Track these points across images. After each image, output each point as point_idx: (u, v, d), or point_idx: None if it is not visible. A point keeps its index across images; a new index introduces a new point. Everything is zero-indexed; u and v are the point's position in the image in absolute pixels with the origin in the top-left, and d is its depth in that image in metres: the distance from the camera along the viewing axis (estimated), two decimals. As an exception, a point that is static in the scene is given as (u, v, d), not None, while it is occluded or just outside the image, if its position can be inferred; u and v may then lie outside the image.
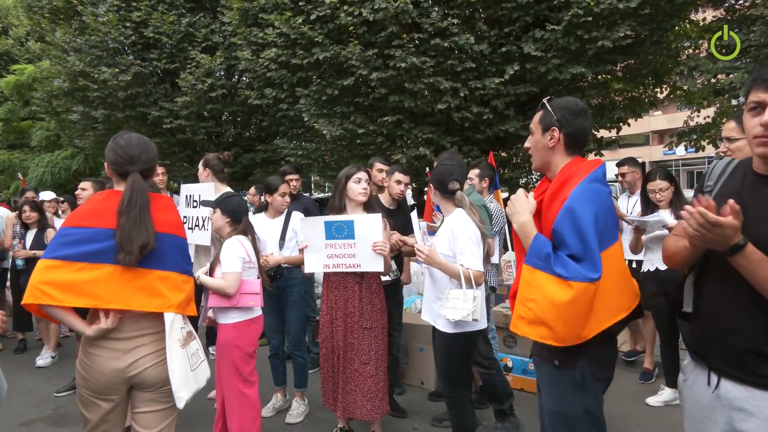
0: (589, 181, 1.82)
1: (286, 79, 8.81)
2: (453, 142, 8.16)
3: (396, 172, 3.99)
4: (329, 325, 3.32)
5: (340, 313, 3.28)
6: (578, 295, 1.70)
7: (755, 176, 1.53)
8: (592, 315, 1.75)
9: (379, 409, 3.28)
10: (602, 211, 1.78)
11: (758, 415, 1.44)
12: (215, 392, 3.42)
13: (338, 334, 3.27)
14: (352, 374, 3.26)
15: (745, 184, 1.55)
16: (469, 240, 2.76)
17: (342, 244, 3.22)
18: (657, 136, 33.68)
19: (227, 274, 3.01)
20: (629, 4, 6.73)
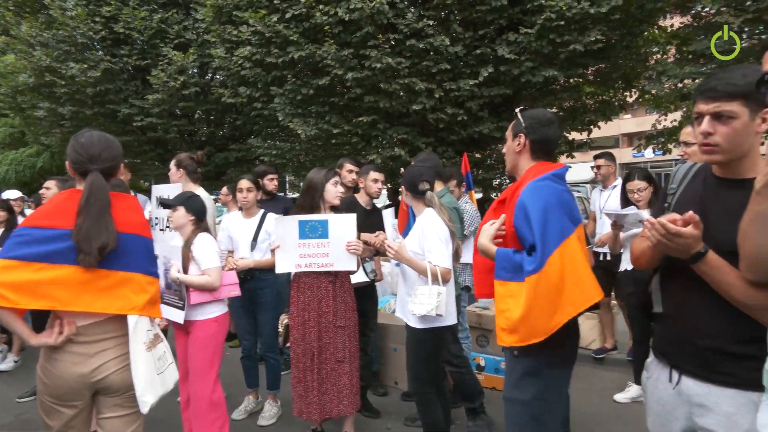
0: (540, 179, 1.97)
1: (261, 77, 8.73)
2: (428, 143, 8.20)
3: (371, 171, 4.00)
4: (301, 327, 3.29)
5: (313, 314, 3.26)
6: (529, 291, 1.83)
7: (715, 179, 1.59)
8: (557, 307, 1.85)
9: (353, 404, 3.32)
10: (553, 204, 1.91)
11: (716, 411, 1.49)
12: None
13: (312, 335, 3.25)
14: (327, 374, 3.26)
15: (706, 187, 1.61)
16: (437, 238, 2.87)
17: (315, 243, 3.24)
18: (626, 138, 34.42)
19: (210, 269, 3.11)
20: (600, 9, 6.87)
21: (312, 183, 3.35)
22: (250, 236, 3.95)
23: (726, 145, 1.48)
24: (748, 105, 1.44)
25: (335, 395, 3.27)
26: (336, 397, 3.27)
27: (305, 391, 3.26)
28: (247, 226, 3.99)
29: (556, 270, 1.83)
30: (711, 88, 1.49)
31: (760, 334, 1.36)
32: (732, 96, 1.45)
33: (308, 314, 3.27)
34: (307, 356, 3.26)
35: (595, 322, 5.32)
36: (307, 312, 3.28)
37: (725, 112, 1.46)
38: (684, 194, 1.67)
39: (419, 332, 2.95)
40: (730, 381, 1.47)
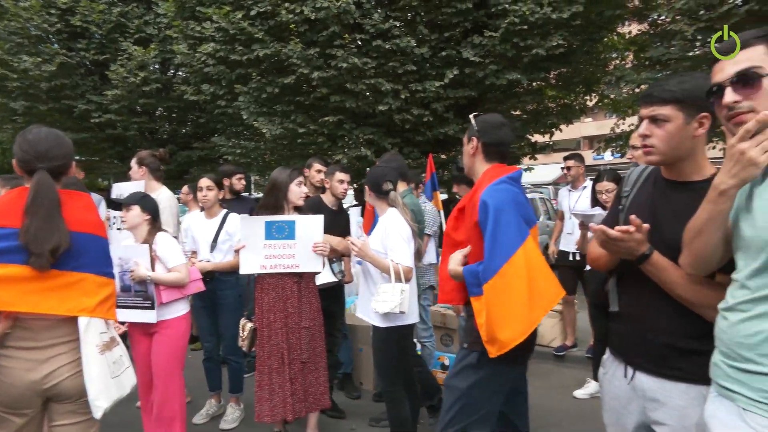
0: (497, 183, 2.09)
1: (225, 75, 8.58)
2: (394, 144, 8.22)
3: (337, 171, 3.99)
4: (267, 328, 3.25)
5: (279, 315, 3.23)
6: (491, 297, 1.98)
7: (663, 182, 1.67)
8: (527, 308, 1.98)
9: (319, 402, 3.33)
10: (509, 207, 2.02)
11: (668, 404, 1.56)
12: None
13: (279, 337, 3.22)
14: (295, 374, 3.24)
15: (656, 189, 1.69)
16: (400, 237, 2.95)
17: (281, 244, 3.22)
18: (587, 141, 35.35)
19: (180, 266, 3.16)
20: (562, 15, 7.04)
21: (276, 183, 3.32)
22: (211, 236, 3.88)
23: (661, 147, 1.57)
24: (682, 109, 1.53)
25: (302, 396, 3.26)
26: (302, 397, 3.26)
27: (270, 394, 3.21)
28: (208, 226, 3.91)
29: (519, 271, 1.93)
30: (649, 94, 1.59)
31: (708, 330, 1.42)
32: (666, 101, 1.54)
33: (274, 315, 3.24)
34: (274, 358, 3.22)
35: (557, 321, 5.45)
36: (273, 313, 3.24)
37: (660, 116, 1.55)
38: (636, 197, 1.75)
39: (383, 331, 3.00)
40: (681, 376, 1.54)
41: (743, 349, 1.27)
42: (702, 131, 1.54)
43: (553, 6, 7.03)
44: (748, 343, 1.26)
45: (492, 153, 2.24)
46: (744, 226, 1.31)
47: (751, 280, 1.27)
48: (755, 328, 1.25)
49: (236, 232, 3.79)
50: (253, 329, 3.33)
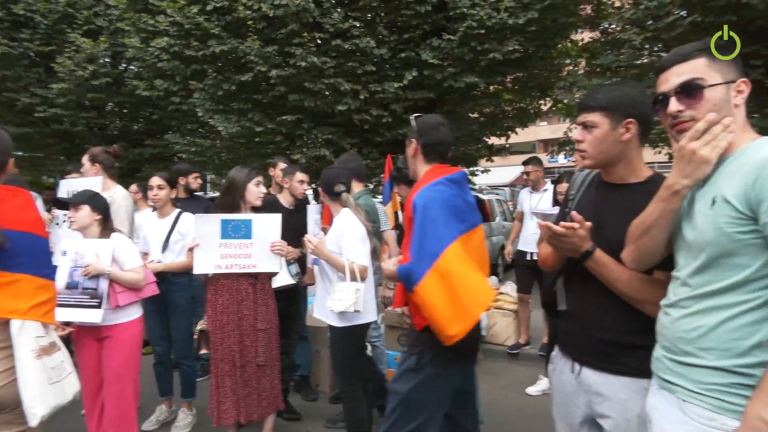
0: (433, 184, 2.12)
1: (179, 70, 8.36)
2: (353, 144, 8.21)
3: (297, 171, 3.95)
4: (219, 330, 3.17)
5: (233, 317, 3.16)
6: (424, 297, 2.01)
7: (604, 185, 1.77)
8: (455, 314, 2.00)
9: (273, 405, 3.29)
10: (437, 208, 2.05)
11: (612, 398, 1.63)
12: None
13: (232, 339, 3.15)
14: (249, 377, 3.18)
15: (598, 192, 1.78)
16: (354, 237, 2.97)
17: (238, 243, 3.14)
18: (542, 144, 36.31)
19: (138, 268, 3.06)
20: (518, 20, 7.20)
21: (233, 182, 3.24)
22: (163, 237, 3.77)
23: (591, 151, 1.68)
24: (608, 116, 1.64)
25: (255, 399, 3.20)
26: (257, 400, 3.21)
27: (224, 398, 3.15)
28: (160, 226, 3.79)
29: (444, 273, 1.98)
30: (581, 103, 1.72)
31: (649, 326, 1.49)
32: (594, 108, 1.66)
33: (227, 317, 3.16)
34: (227, 361, 3.15)
35: (511, 320, 5.56)
36: (226, 315, 3.17)
37: (589, 122, 1.67)
38: (582, 199, 1.83)
39: (340, 331, 3.00)
40: (624, 370, 1.61)
41: (683, 344, 1.34)
42: (628, 136, 1.64)
43: (510, 12, 7.19)
44: (688, 337, 1.33)
45: (431, 153, 2.27)
46: (686, 227, 1.39)
47: (692, 278, 1.35)
48: (695, 323, 1.32)
49: (189, 232, 3.68)
50: (201, 330, 3.26)
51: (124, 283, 2.97)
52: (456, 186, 2.18)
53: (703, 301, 1.31)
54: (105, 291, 2.91)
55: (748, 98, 1.38)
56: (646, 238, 1.47)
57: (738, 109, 1.35)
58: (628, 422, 1.58)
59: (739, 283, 1.26)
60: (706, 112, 1.32)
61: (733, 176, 1.27)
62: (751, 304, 1.24)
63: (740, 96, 1.35)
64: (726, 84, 1.33)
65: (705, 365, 1.29)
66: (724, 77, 1.33)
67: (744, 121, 1.36)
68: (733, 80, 1.34)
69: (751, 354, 1.23)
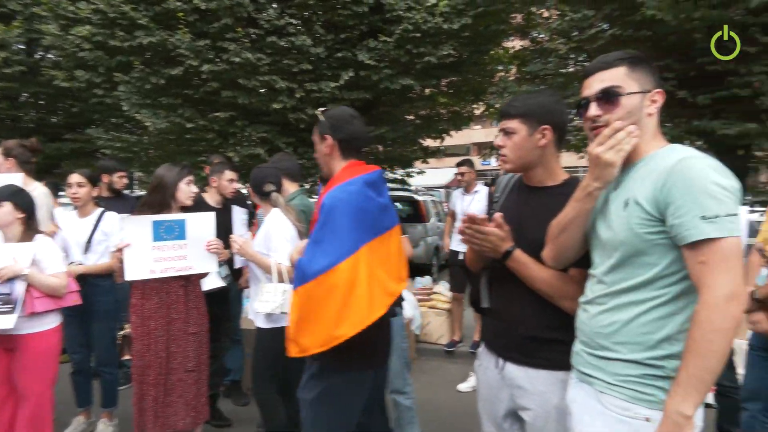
0: (347, 183, 1.96)
1: (103, 61, 7.90)
2: (288, 143, 8.09)
3: (226, 170, 3.85)
4: (145, 337, 3.02)
5: (161, 322, 3.02)
6: (301, 299, 1.89)
7: (525, 188, 1.86)
8: (337, 319, 1.82)
9: (201, 415, 3.17)
10: (346, 212, 1.88)
11: (531, 391, 1.71)
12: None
13: (159, 345, 3.01)
14: (174, 384, 3.04)
15: (520, 195, 1.87)
16: (282, 237, 2.91)
17: (171, 245, 3.01)
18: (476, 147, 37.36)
19: (60, 273, 2.90)
20: (452, 26, 7.39)
21: (163, 180, 3.09)
22: (84, 237, 3.55)
23: (510, 156, 1.77)
24: (526, 122, 1.74)
25: (181, 407, 3.06)
26: (183, 408, 3.07)
27: (147, 407, 3.00)
28: (81, 226, 3.57)
29: (342, 279, 1.82)
30: (502, 110, 1.81)
31: (568, 321, 1.58)
32: (512, 115, 1.76)
33: (155, 323, 3.02)
34: (153, 368, 3.00)
35: (444, 318, 5.68)
36: (154, 320, 3.02)
37: (508, 128, 1.77)
38: (505, 202, 1.91)
39: (266, 332, 2.95)
40: (544, 364, 1.69)
41: (600, 338, 1.43)
42: (544, 141, 1.74)
43: (445, 17, 7.35)
44: (605, 332, 1.42)
45: (348, 149, 2.08)
46: (601, 227, 1.48)
47: (607, 276, 1.44)
48: (611, 319, 1.41)
49: (114, 232, 3.52)
50: (124, 336, 3.08)
51: (42, 289, 2.77)
52: (371, 188, 1.99)
53: (617, 298, 1.40)
54: (21, 296, 2.71)
55: (661, 108, 1.48)
56: (564, 237, 1.56)
57: (651, 118, 1.45)
58: (546, 413, 1.66)
59: (648, 280, 1.36)
60: (619, 118, 1.41)
61: (644, 180, 1.37)
62: (659, 300, 1.35)
63: (654, 105, 1.45)
64: (642, 93, 1.43)
65: (620, 358, 1.38)
66: (641, 86, 1.43)
67: (656, 129, 1.47)
68: (649, 90, 1.43)
69: (660, 347, 1.34)
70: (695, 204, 1.26)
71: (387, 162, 9.88)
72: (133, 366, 3.04)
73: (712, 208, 1.26)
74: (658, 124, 1.48)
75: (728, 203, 1.26)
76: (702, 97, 6.39)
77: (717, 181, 1.27)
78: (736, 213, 1.28)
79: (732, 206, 1.27)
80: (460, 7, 7.52)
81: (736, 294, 1.24)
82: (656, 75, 1.47)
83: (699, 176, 1.28)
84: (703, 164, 1.30)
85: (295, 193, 3.57)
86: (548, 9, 8.87)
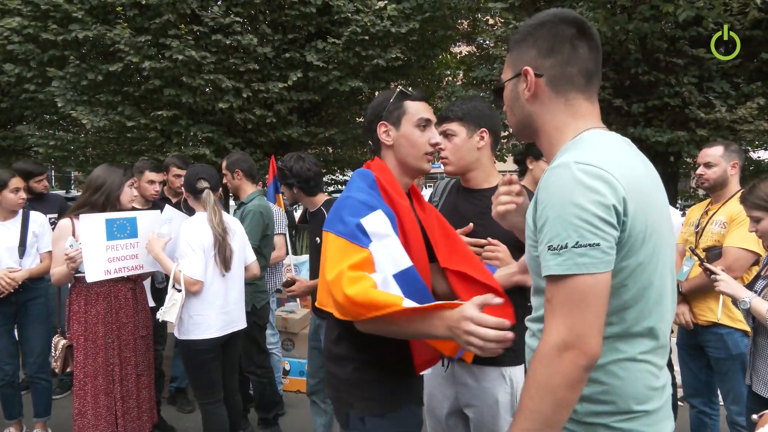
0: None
1: (35, 55, 7.49)
2: (235, 143, 7.95)
3: (147, 170, 3.69)
4: (92, 344, 2.86)
5: (111, 327, 2.89)
6: None
7: (464, 190, 1.97)
8: None
9: (152, 419, 3.10)
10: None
11: (476, 387, 1.78)
12: None
13: (110, 352, 2.88)
14: (129, 390, 2.95)
15: (458, 197, 1.97)
16: (187, 245, 2.75)
17: (124, 244, 2.93)
18: (425, 150, 37.89)
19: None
20: (400, 29, 7.49)
21: (106, 182, 2.96)
22: (13, 241, 3.36)
23: (451, 157, 1.88)
24: (465, 125, 1.86)
25: (136, 412, 2.98)
26: (137, 414, 2.99)
27: (97, 419, 2.84)
28: (7, 230, 3.37)
29: None
30: (441, 114, 1.92)
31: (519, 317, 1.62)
32: (452, 119, 1.88)
33: (105, 327, 2.88)
34: (101, 377, 2.85)
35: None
36: (104, 325, 2.88)
37: (449, 131, 1.88)
38: (445, 204, 2.00)
39: (179, 342, 2.85)
40: (489, 361, 1.74)
41: None
42: (483, 143, 1.86)
43: (392, 20, 7.44)
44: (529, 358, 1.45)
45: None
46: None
47: (533, 298, 1.43)
48: (531, 345, 1.42)
49: (44, 233, 3.41)
50: (68, 347, 2.89)
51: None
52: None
53: (535, 324, 1.24)
54: None
55: (600, 115, 1.31)
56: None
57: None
58: (489, 407, 1.74)
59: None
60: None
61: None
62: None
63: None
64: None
65: None
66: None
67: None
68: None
69: None
70: (549, 229, 1.01)
71: (336, 164, 9.88)
72: (76, 377, 2.88)
73: (560, 236, 0.98)
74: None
75: (584, 229, 0.96)
76: (636, 106, 6.74)
77: (575, 200, 0.97)
78: (598, 243, 0.97)
79: (590, 234, 0.97)
80: (408, 11, 7.64)
81: (570, 345, 0.97)
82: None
83: (558, 192, 1.01)
84: (568, 175, 1.00)
85: (254, 194, 3.51)
86: (493, 16, 9.12)
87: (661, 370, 1.10)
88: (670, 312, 1.12)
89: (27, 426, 3.58)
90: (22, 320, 3.39)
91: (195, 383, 2.92)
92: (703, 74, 6.35)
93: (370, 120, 1.65)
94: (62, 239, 2.89)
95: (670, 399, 1.15)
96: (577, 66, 1.13)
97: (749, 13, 5.50)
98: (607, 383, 1.07)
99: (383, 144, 1.64)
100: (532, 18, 1.19)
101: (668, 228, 1.12)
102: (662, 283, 1.08)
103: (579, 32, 1.13)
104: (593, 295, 0.98)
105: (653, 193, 1.08)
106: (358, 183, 1.57)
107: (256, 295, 3.44)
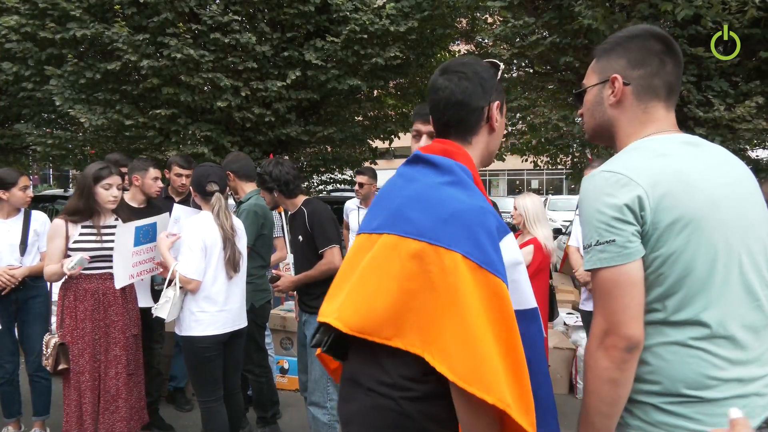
0: None
1: (32, 54, 7.47)
2: (233, 142, 7.93)
3: (150, 168, 3.69)
4: (80, 341, 2.89)
5: (99, 324, 2.93)
6: None
7: None
8: None
9: (142, 419, 3.11)
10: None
11: None
12: None
13: (97, 348, 2.92)
14: (119, 390, 2.96)
15: None
16: (188, 247, 2.80)
17: (146, 248, 3.12)
18: (424, 148, 37.92)
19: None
20: (399, 28, 7.48)
21: (82, 182, 2.97)
22: (15, 239, 3.38)
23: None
24: None
25: (125, 412, 2.99)
26: (127, 414, 2.99)
27: (85, 414, 2.87)
28: (9, 228, 3.39)
29: None
30: (427, 113, 1.69)
31: None
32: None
33: (93, 324, 2.92)
34: (89, 373, 2.88)
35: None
36: (91, 321, 2.91)
37: (429, 133, 1.75)
38: None
39: (181, 340, 2.93)
40: None
41: None
42: None
43: (391, 19, 7.43)
44: None
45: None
46: None
47: None
48: None
49: (46, 232, 3.40)
50: (59, 345, 2.90)
51: None
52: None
53: None
54: None
55: None
56: None
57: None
58: None
59: None
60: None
61: None
62: None
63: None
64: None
65: None
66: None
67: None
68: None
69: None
70: (583, 232, 1.17)
71: (335, 162, 9.87)
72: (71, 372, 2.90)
73: (587, 237, 1.14)
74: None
75: (601, 229, 1.11)
76: (635, 104, 6.77)
77: (594, 205, 1.13)
78: (613, 239, 1.09)
79: (606, 232, 1.10)
80: (406, 10, 7.63)
81: (609, 331, 1.09)
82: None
83: (584, 200, 1.16)
84: (591, 185, 1.16)
85: (252, 193, 3.51)
86: (492, 15, 9.11)
87: (733, 363, 1.11)
88: (736, 304, 1.13)
89: (25, 425, 3.58)
90: (22, 318, 3.42)
91: (195, 381, 2.94)
92: (702, 73, 6.35)
93: (479, 93, 1.26)
94: (56, 238, 2.92)
95: (763, 400, 1.13)
96: (662, 79, 1.22)
97: (748, 11, 5.50)
98: (653, 364, 1.13)
99: (487, 128, 1.30)
100: (623, 30, 1.28)
101: (738, 217, 1.14)
102: (710, 271, 1.11)
103: (667, 48, 1.22)
104: (619, 284, 1.09)
105: (704, 187, 1.12)
106: (469, 183, 1.22)
107: (256, 294, 3.44)
